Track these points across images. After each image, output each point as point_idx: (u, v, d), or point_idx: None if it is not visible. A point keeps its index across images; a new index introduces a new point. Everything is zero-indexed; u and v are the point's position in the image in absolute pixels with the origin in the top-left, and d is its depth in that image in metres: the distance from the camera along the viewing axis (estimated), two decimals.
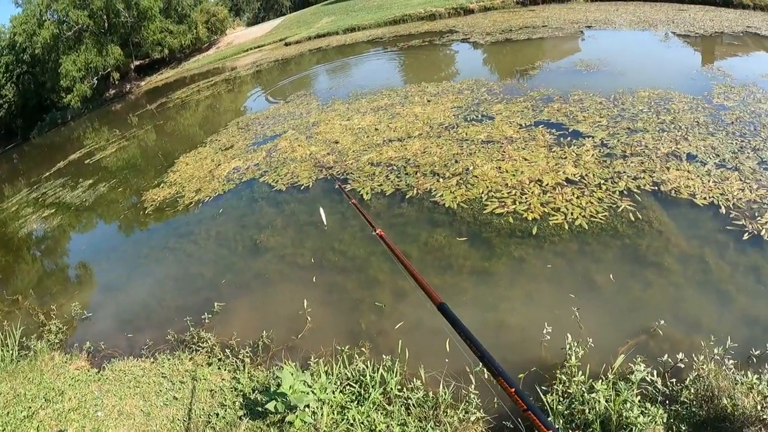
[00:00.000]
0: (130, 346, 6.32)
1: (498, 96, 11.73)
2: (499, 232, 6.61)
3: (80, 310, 7.38)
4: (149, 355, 5.90)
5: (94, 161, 17.30)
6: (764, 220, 5.97)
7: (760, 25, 15.77)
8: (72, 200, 13.59)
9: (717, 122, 8.53)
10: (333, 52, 25.39)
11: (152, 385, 5.29)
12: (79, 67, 32.46)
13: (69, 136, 26.26)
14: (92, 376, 5.69)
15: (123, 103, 32.90)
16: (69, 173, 16.88)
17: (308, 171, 9.73)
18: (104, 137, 21.78)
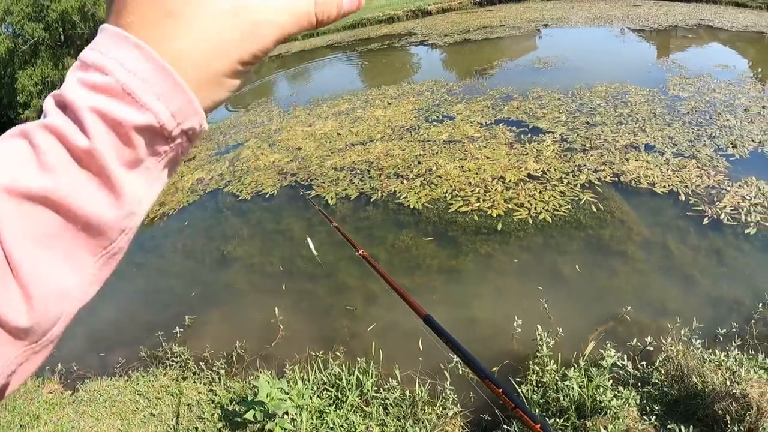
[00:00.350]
0: (103, 365, 6.14)
1: (458, 96, 11.85)
2: (465, 230, 6.68)
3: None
4: (123, 374, 5.75)
5: None
6: (723, 205, 6.19)
7: (712, 18, 16.27)
8: None
9: (673, 113, 8.79)
10: (292, 59, 25.24)
11: (128, 404, 5.18)
12: (36, 81, 31.48)
13: None
14: (66, 399, 5.52)
15: None
16: None
17: (272, 179, 9.65)
18: None
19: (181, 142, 0.46)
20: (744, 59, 12.12)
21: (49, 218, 0.40)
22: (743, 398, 3.41)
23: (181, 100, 0.44)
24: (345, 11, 0.52)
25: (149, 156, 0.44)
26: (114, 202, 0.42)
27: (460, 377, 4.46)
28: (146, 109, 0.42)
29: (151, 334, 6.23)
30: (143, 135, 0.42)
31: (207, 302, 6.77)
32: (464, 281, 5.88)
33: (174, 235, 8.94)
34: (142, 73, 0.42)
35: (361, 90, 14.78)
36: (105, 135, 0.41)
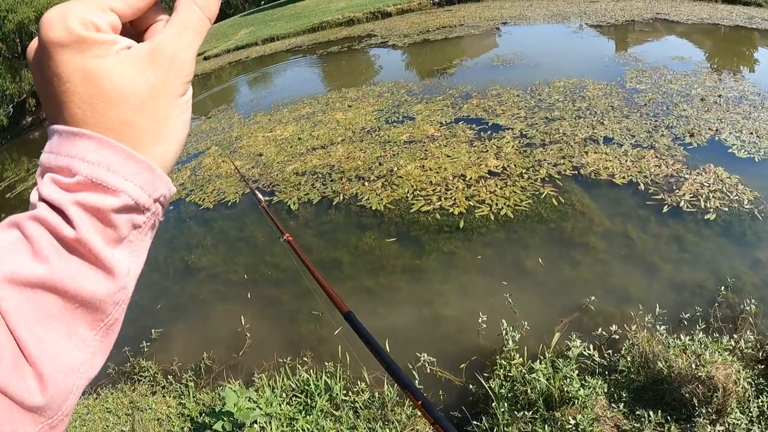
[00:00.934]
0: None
1: (418, 96, 11.88)
2: (428, 229, 6.68)
3: None
4: (92, 392, 5.54)
5: (16, 194, 16.35)
6: (682, 192, 6.31)
7: (668, 11, 16.61)
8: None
9: (631, 105, 8.96)
10: (253, 64, 25.05)
11: (98, 422, 5.04)
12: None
13: None
14: None
15: (41, 129, 31.31)
16: None
17: (234, 186, 9.53)
18: (24, 167, 20.62)
19: (155, 210, 0.51)
20: (700, 50, 12.44)
21: (49, 301, 0.43)
22: (709, 380, 3.47)
23: (146, 174, 0.48)
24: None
25: (131, 230, 0.49)
26: (106, 280, 0.46)
27: (428, 376, 4.46)
28: (119, 192, 0.46)
29: (118, 350, 6.05)
30: (122, 214, 0.47)
31: (173, 314, 6.63)
32: (428, 280, 5.87)
33: None
34: (104, 161, 0.46)
35: (322, 93, 14.71)
36: (88, 223, 0.45)
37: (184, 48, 0.51)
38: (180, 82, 0.52)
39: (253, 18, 45.10)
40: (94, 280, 0.45)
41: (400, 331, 5.14)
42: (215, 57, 31.64)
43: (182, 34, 0.51)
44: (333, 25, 28.41)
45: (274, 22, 37.49)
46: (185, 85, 0.53)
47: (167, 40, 0.50)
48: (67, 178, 0.46)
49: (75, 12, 0.46)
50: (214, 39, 39.76)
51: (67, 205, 0.44)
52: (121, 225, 0.47)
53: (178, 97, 0.52)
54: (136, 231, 0.49)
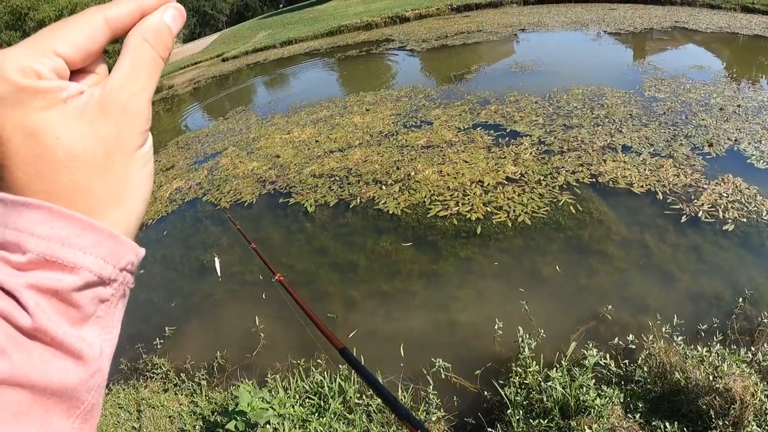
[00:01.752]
0: None
1: (436, 101, 11.87)
2: (444, 234, 6.67)
3: None
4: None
5: None
6: (700, 203, 6.25)
7: (687, 20, 16.53)
8: None
9: (650, 114, 8.89)
10: (271, 66, 25.20)
11: (109, 417, 5.07)
12: None
13: None
14: None
15: None
16: None
17: (251, 187, 9.58)
18: None
19: (123, 280, 0.46)
20: (719, 60, 12.32)
21: (16, 398, 0.38)
22: (727, 392, 3.43)
23: (107, 243, 0.43)
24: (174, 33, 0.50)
25: (98, 305, 0.44)
26: (76, 367, 0.41)
27: (443, 381, 4.45)
28: (77, 269, 0.41)
29: (132, 347, 6.13)
30: (84, 291, 0.42)
31: (187, 313, 6.67)
32: (444, 285, 5.85)
33: (152, 245, 8.80)
34: (57, 235, 0.41)
35: (340, 97, 14.75)
36: (46, 307, 0.40)
37: (138, 93, 0.45)
38: (137, 132, 0.46)
39: (271, 21, 45.43)
40: (62, 370, 0.40)
41: (415, 336, 5.13)
42: (233, 59, 31.92)
43: (135, 78, 0.46)
44: (351, 29, 28.53)
45: (292, 26, 37.74)
46: (143, 134, 0.47)
47: (118, 85, 0.45)
48: (17, 255, 0.40)
49: (11, 58, 0.41)
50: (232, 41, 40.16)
51: (19, 289, 0.39)
52: (85, 304, 0.42)
53: (135, 150, 0.46)
54: (105, 305, 0.45)
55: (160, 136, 17.57)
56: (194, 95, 24.58)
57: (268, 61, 26.64)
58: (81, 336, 0.42)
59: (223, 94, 22.75)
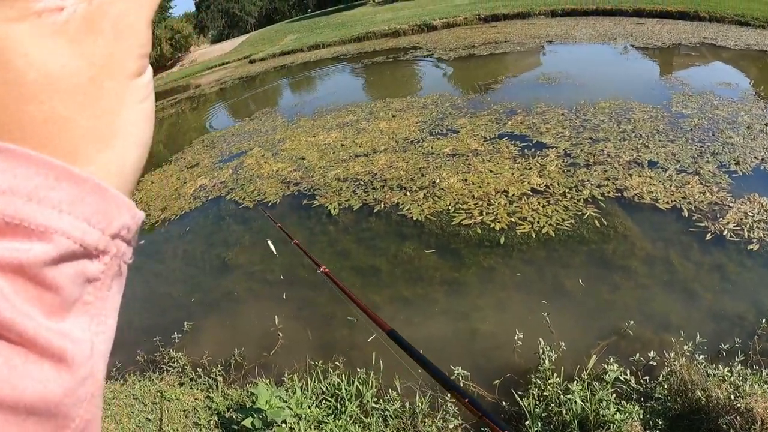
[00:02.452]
0: None
1: (462, 110, 11.86)
2: (468, 242, 6.65)
3: None
4: (119, 377, 5.68)
5: None
6: (725, 221, 6.16)
7: (715, 36, 16.39)
8: None
9: (676, 129, 8.80)
10: (298, 69, 25.41)
11: (123, 407, 5.12)
12: None
13: None
14: None
15: None
16: None
17: (275, 187, 9.66)
18: None
19: (116, 251, 0.34)
20: (747, 77, 12.17)
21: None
22: (748, 412, 3.39)
23: (91, 198, 0.32)
24: None
25: (82, 287, 0.32)
26: (57, 372, 0.30)
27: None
28: (49, 233, 0.30)
29: (149, 339, 6.21)
30: (62, 266, 0.30)
31: (206, 309, 6.73)
32: (466, 293, 5.84)
33: (174, 240, 8.92)
34: (22, 187, 0.29)
35: (366, 102, 14.81)
36: (9, 292, 0.28)
37: (133, 8, 0.36)
38: (132, 54, 0.36)
39: (299, 25, 45.80)
40: (38, 379, 0.29)
41: (434, 343, 5.12)
42: (261, 61, 32.22)
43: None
44: (378, 36, 28.67)
45: (320, 30, 38.01)
46: (140, 59, 0.36)
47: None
48: None
49: None
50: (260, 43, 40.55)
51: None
52: (65, 284, 0.31)
53: (131, 78, 0.36)
54: (93, 286, 0.33)
55: (185, 135, 17.80)
56: (221, 95, 24.87)
57: (295, 64, 26.86)
58: (62, 330, 0.30)
59: (249, 95, 22.98)
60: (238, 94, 24.06)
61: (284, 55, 31.79)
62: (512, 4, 27.79)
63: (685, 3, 21.66)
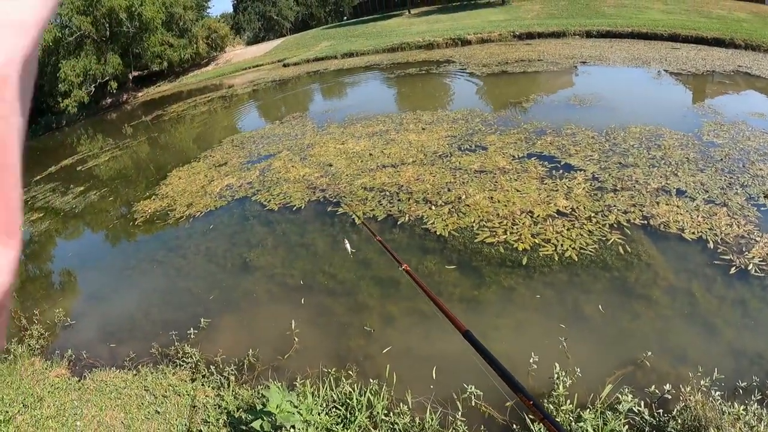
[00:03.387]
0: (113, 357, 6.24)
1: (492, 127, 11.85)
2: (490, 261, 6.63)
3: (63, 317, 7.29)
4: (132, 367, 5.82)
5: (86, 168, 17.19)
6: (751, 255, 6.06)
7: (750, 65, 16.18)
8: (61, 206, 13.42)
9: (706, 159, 8.67)
10: (330, 76, 25.59)
11: (134, 398, 5.22)
12: (78, 72, 32.19)
13: (63, 142, 26.00)
14: (72, 385, 5.62)
15: (119, 112, 32.84)
16: (60, 178, 16.67)
17: (301, 192, 9.74)
18: (98, 145, 21.67)
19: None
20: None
21: None
22: None
23: None
24: None
25: None
26: None
27: (472, 409, 4.42)
28: None
29: (165, 332, 6.35)
30: None
31: (224, 307, 6.81)
32: (484, 312, 5.82)
33: (198, 237, 9.04)
34: None
35: (396, 113, 14.87)
36: None
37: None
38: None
39: (334, 32, 46.09)
40: None
41: (448, 360, 5.10)
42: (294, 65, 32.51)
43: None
44: (413, 47, 28.77)
45: (354, 38, 38.22)
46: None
47: None
48: None
49: None
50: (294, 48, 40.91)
51: None
52: None
53: None
54: None
55: (216, 133, 18.04)
56: (253, 96, 25.15)
57: (328, 70, 27.04)
58: None
59: (280, 98, 23.19)
60: (270, 97, 24.31)
61: (318, 60, 32.06)
62: (547, 23, 27.72)
63: (721, 30, 21.46)
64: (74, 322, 7.24)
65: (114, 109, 35.09)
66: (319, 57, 32.61)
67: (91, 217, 12.38)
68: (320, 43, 40.79)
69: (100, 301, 7.90)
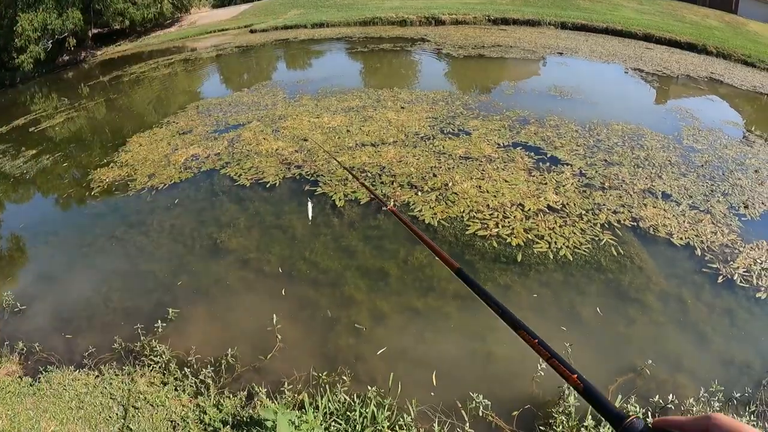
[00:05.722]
0: (70, 350, 5.51)
1: (473, 111, 11.55)
2: (483, 256, 6.36)
3: (12, 301, 6.40)
4: (93, 367, 5.11)
5: (40, 130, 16.11)
6: (736, 265, 6.16)
7: (722, 73, 16.55)
8: (11, 171, 12.35)
9: (688, 163, 8.78)
10: (300, 46, 24.84)
11: (99, 408, 4.54)
12: (36, 27, 30.24)
13: (16, 100, 24.43)
14: (26, 388, 4.85)
15: (76, 71, 31.17)
16: (11, 140, 15.43)
17: (275, 168, 9.20)
18: (53, 105, 20.46)
19: None
20: (752, 120, 12.29)
21: None
22: None
23: None
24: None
25: None
26: None
27: (478, 419, 4.16)
28: None
29: (128, 323, 5.70)
30: None
31: (194, 295, 6.21)
32: (481, 311, 5.51)
33: (161, 212, 8.32)
34: None
35: (373, 89, 14.33)
36: None
37: None
38: None
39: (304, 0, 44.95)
40: None
41: (448, 364, 4.82)
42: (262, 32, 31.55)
43: None
44: (385, 23, 28.21)
45: (325, 9, 37.37)
46: None
47: None
48: None
49: None
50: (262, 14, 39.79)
51: None
52: None
53: None
54: None
55: (177, 97, 17.23)
56: (217, 61, 24.23)
57: (297, 39, 26.29)
58: None
59: (247, 65, 22.42)
60: (237, 63, 23.45)
61: (287, 29, 31.10)
62: (523, 10, 27.59)
63: (694, 35, 21.76)
64: (24, 307, 6.38)
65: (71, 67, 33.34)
66: (288, 25, 31.63)
67: (43, 184, 11.41)
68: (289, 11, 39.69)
69: (53, 282, 7.07)
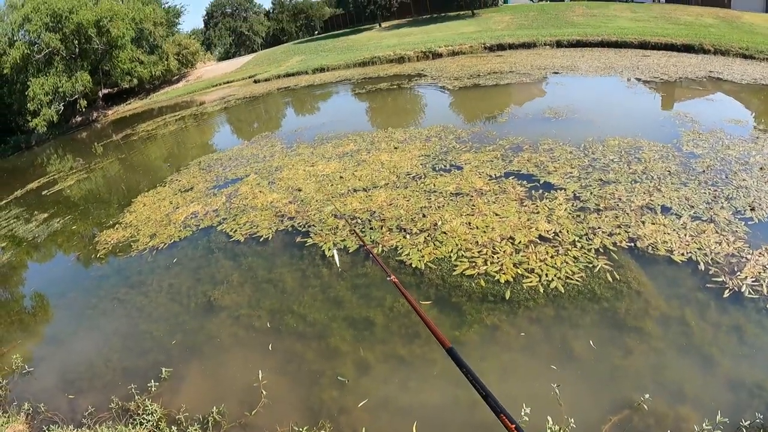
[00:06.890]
0: (72, 410, 5.70)
1: (467, 144, 11.49)
2: (470, 296, 6.17)
3: (21, 364, 6.73)
4: (91, 426, 5.26)
5: (53, 192, 16.50)
6: (743, 275, 5.80)
7: (721, 70, 16.34)
8: (24, 235, 12.68)
9: (688, 171, 8.49)
10: (301, 92, 25.22)
11: None
12: (47, 90, 31.42)
13: (32, 162, 25.16)
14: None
15: (89, 131, 32.08)
16: (25, 204, 15.94)
17: (268, 221, 9.21)
18: (67, 166, 21.01)
19: None
20: (756, 114, 11.97)
21: None
22: None
23: None
24: None
25: None
26: None
27: None
28: None
29: (125, 382, 5.83)
30: None
31: (187, 353, 6.27)
32: (467, 355, 5.31)
33: (161, 272, 8.46)
34: None
35: (368, 131, 14.41)
36: None
37: None
38: None
39: (305, 47, 45.85)
40: None
41: (430, 413, 4.66)
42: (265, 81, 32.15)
43: None
44: (384, 61, 28.59)
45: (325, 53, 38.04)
46: None
47: None
48: None
49: None
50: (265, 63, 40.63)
51: None
52: None
53: None
54: None
55: (185, 153, 17.49)
56: (223, 114, 24.67)
57: (299, 86, 26.70)
58: None
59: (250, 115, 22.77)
60: (240, 115, 23.85)
61: (289, 76, 31.68)
62: (518, 34, 27.75)
63: (690, 36, 21.68)
64: (32, 368, 6.68)
65: (84, 127, 34.35)
66: (290, 72, 32.22)
67: (53, 248, 11.73)
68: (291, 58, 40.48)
69: (59, 344, 7.33)
